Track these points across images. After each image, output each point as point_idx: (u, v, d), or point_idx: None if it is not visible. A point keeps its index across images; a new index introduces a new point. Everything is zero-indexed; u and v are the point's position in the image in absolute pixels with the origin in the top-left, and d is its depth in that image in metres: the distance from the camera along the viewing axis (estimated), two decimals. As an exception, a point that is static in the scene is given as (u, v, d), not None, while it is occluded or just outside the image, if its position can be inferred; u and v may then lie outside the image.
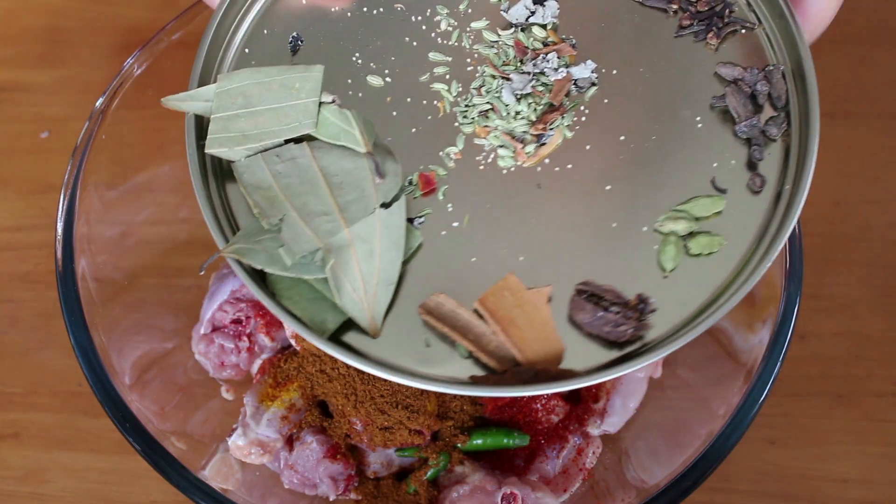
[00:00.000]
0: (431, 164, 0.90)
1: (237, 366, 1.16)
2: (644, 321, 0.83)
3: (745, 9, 0.96)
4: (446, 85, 0.93)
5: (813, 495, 1.26)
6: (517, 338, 0.83)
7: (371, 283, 0.84)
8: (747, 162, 0.89)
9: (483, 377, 0.82)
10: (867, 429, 1.30)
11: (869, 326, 1.36)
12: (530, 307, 0.84)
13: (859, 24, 1.57)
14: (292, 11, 0.96)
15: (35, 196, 1.44)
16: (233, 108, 0.89)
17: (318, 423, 1.10)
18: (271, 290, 0.84)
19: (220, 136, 0.88)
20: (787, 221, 0.87)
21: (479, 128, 0.91)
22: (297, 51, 0.95)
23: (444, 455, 1.11)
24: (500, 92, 0.92)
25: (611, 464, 1.15)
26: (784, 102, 0.94)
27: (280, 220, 0.83)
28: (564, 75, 0.92)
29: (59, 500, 1.26)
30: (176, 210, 1.25)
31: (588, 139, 0.90)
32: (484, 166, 0.90)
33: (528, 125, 0.91)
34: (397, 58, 0.95)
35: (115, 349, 1.06)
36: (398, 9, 0.97)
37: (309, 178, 0.86)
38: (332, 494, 1.10)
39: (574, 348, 0.83)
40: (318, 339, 0.81)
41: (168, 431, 1.04)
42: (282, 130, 0.87)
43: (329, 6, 0.96)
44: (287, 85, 0.89)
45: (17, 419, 1.31)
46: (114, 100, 1.13)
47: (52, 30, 1.57)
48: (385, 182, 0.85)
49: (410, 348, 0.83)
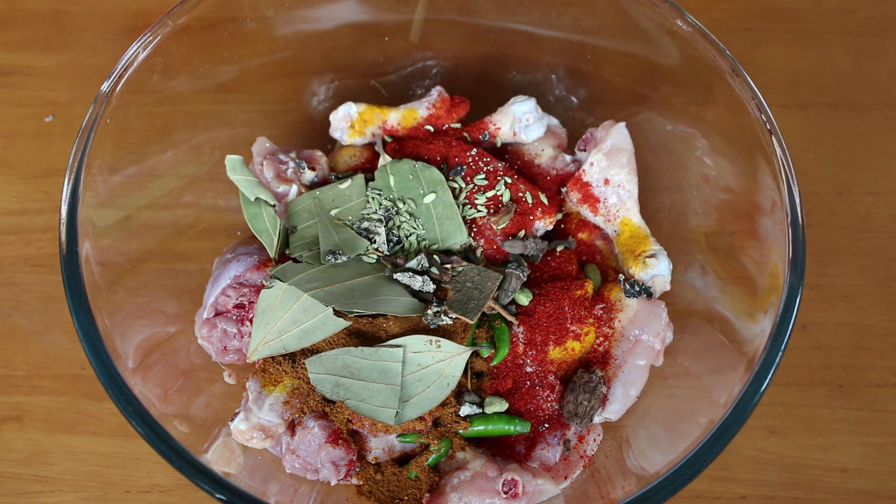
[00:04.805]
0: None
1: (240, 350, 1.16)
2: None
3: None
4: None
5: (813, 484, 1.27)
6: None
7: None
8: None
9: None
10: (867, 419, 1.30)
11: (870, 317, 1.36)
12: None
13: (863, 14, 1.57)
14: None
15: (39, 180, 1.44)
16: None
17: (319, 409, 1.10)
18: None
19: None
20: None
21: None
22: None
23: (445, 441, 1.11)
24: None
25: (611, 451, 1.16)
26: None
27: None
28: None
29: (61, 482, 1.27)
30: (179, 195, 1.25)
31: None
32: None
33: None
34: None
35: (118, 333, 1.06)
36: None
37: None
38: (333, 479, 1.10)
39: None
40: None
41: (170, 415, 1.04)
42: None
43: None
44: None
45: (20, 402, 1.31)
46: (118, 84, 1.13)
47: (58, 14, 1.57)
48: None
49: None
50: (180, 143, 1.25)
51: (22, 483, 1.27)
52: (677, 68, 1.23)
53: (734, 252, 1.19)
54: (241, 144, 1.25)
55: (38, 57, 1.53)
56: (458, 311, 1.08)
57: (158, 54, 1.17)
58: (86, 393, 1.31)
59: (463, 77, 1.39)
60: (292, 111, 1.37)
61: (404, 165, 1.19)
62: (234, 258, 1.17)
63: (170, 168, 1.24)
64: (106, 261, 1.11)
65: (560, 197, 1.25)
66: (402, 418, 1.07)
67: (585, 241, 1.24)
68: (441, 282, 1.13)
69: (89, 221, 1.09)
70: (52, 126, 1.48)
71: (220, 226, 1.28)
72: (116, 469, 1.28)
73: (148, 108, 1.19)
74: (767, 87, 1.18)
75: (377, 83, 1.38)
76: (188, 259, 1.25)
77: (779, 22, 1.57)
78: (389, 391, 1.06)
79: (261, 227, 1.17)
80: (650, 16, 1.21)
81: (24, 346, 1.34)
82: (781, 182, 1.09)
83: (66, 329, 1.34)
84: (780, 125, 1.12)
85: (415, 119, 1.27)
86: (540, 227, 1.21)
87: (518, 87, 1.38)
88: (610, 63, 1.32)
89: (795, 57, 1.54)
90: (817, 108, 1.50)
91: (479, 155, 1.21)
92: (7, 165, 1.45)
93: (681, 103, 1.25)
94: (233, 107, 1.31)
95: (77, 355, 1.33)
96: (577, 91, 1.36)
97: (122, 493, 1.26)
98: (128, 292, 1.13)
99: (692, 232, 1.24)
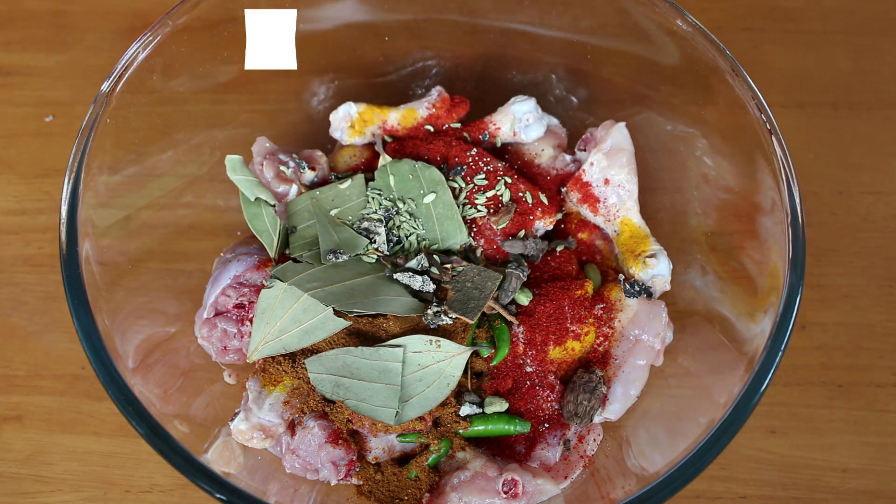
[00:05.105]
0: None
1: (240, 350, 1.16)
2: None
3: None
4: None
5: (813, 484, 1.27)
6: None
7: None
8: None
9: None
10: (867, 419, 1.30)
11: (870, 317, 1.36)
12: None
13: (863, 14, 1.57)
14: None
15: (39, 179, 1.44)
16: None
17: (319, 408, 1.10)
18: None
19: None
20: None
21: None
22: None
23: (445, 441, 1.11)
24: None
25: (612, 451, 1.16)
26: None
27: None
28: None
29: (61, 482, 1.27)
30: (179, 195, 1.25)
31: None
32: None
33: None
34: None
35: (118, 333, 1.06)
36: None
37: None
38: (333, 479, 1.10)
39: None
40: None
41: (170, 415, 1.04)
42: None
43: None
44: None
45: (20, 402, 1.31)
46: (118, 84, 1.13)
47: (58, 14, 1.57)
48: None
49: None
50: (180, 143, 1.25)
51: (22, 483, 1.27)
52: (677, 68, 1.23)
53: (734, 252, 1.19)
54: (241, 144, 1.25)
55: (38, 57, 1.53)
56: (458, 310, 1.08)
57: (158, 54, 1.17)
58: (86, 393, 1.31)
59: (463, 77, 1.39)
60: (292, 111, 1.37)
61: (404, 165, 1.19)
62: (234, 258, 1.17)
63: (170, 168, 1.24)
64: (106, 261, 1.11)
65: (560, 197, 1.25)
66: (402, 418, 1.07)
67: (585, 241, 1.24)
68: (441, 282, 1.13)
69: (89, 221, 1.09)
70: (52, 126, 1.48)
71: (220, 226, 1.28)
72: (116, 469, 1.28)
73: (148, 108, 1.19)
74: (767, 87, 1.18)
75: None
76: (188, 259, 1.25)
77: (779, 22, 1.57)
78: (389, 391, 1.06)
79: (261, 227, 1.17)
80: (650, 16, 1.21)
81: (24, 346, 1.34)
82: (781, 182, 1.09)
83: (66, 329, 1.34)
84: (780, 125, 1.12)
85: (415, 119, 1.27)
86: (540, 227, 1.21)
87: (518, 87, 1.38)
88: (610, 63, 1.32)
89: (795, 57, 1.54)
90: (817, 108, 1.50)
91: (479, 155, 1.21)
92: (7, 165, 1.45)
93: (681, 103, 1.25)
94: (233, 107, 1.31)
95: (77, 355, 1.33)
96: (577, 91, 1.36)
97: (122, 493, 1.26)
98: (128, 292, 1.13)
99: (692, 232, 1.24)
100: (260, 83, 1.32)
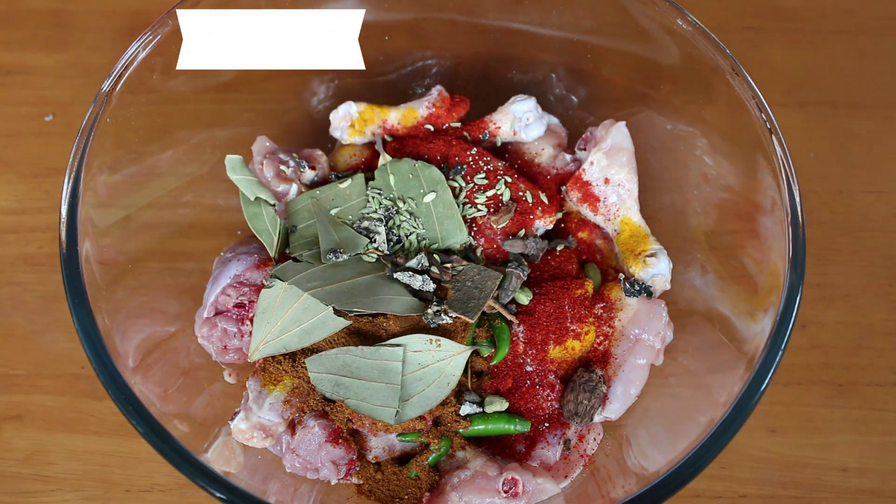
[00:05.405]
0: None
1: (240, 349, 1.16)
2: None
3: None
4: None
5: (813, 483, 1.27)
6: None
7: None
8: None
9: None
10: (867, 418, 1.30)
11: (870, 316, 1.36)
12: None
13: (863, 14, 1.57)
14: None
15: (39, 179, 1.44)
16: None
17: (320, 408, 1.10)
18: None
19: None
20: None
21: None
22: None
23: (445, 440, 1.11)
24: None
25: (612, 450, 1.16)
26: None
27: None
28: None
29: (61, 481, 1.27)
30: (180, 194, 1.25)
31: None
32: None
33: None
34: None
35: (118, 332, 1.06)
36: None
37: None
38: (333, 478, 1.10)
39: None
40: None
41: (171, 414, 1.04)
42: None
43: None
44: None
45: (20, 401, 1.31)
46: (119, 83, 1.13)
47: (58, 13, 1.57)
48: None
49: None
50: (180, 143, 1.25)
51: (22, 482, 1.27)
52: (677, 67, 1.23)
53: (734, 251, 1.19)
54: (241, 144, 1.25)
55: (38, 56, 1.53)
56: (458, 310, 1.08)
57: (158, 54, 1.17)
58: (86, 392, 1.31)
59: (463, 76, 1.39)
60: (292, 110, 1.37)
61: (404, 165, 1.19)
62: (235, 257, 1.17)
63: (170, 167, 1.24)
64: (106, 260, 1.11)
65: (560, 196, 1.25)
66: (403, 417, 1.07)
67: (585, 241, 1.24)
68: (441, 281, 1.13)
69: (89, 221, 1.09)
70: (53, 125, 1.48)
71: (221, 225, 1.28)
72: (117, 468, 1.28)
73: (148, 108, 1.19)
74: (767, 87, 1.18)
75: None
76: (188, 258, 1.25)
77: (779, 21, 1.57)
78: (389, 390, 1.06)
79: (261, 227, 1.17)
80: (650, 15, 1.21)
81: (23, 345, 1.34)
82: (781, 181, 1.09)
83: (66, 328, 1.34)
84: (780, 124, 1.12)
85: (415, 118, 1.27)
86: (540, 227, 1.21)
87: (518, 86, 1.38)
88: (610, 62, 1.32)
89: (795, 56, 1.54)
90: (817, 108, 1.50)
91: (479, 154, 1.21)
92: (7, 165, 1.45)
93: (681, 102, 1.25)
94: (233, 106, 1.31)
95: (77, 355, 1.33)
96: (577, 90, 1.36)
97: (123, 493, 1.26)
98: (128, 291, 1.13)
99: (692, 231, 1.24)
100: (260, 82, 1.31)
